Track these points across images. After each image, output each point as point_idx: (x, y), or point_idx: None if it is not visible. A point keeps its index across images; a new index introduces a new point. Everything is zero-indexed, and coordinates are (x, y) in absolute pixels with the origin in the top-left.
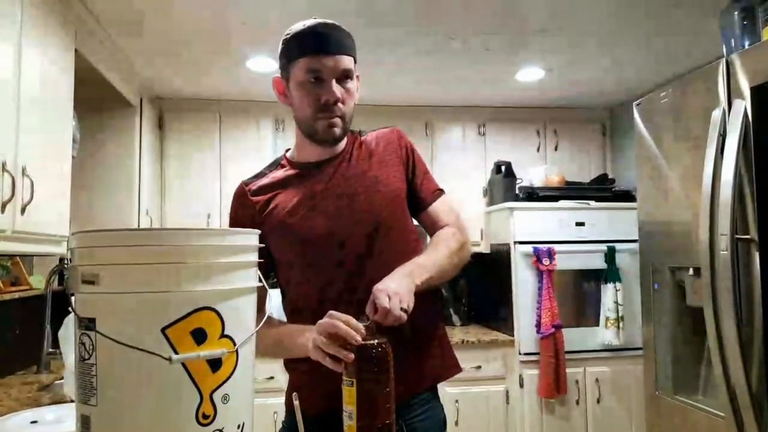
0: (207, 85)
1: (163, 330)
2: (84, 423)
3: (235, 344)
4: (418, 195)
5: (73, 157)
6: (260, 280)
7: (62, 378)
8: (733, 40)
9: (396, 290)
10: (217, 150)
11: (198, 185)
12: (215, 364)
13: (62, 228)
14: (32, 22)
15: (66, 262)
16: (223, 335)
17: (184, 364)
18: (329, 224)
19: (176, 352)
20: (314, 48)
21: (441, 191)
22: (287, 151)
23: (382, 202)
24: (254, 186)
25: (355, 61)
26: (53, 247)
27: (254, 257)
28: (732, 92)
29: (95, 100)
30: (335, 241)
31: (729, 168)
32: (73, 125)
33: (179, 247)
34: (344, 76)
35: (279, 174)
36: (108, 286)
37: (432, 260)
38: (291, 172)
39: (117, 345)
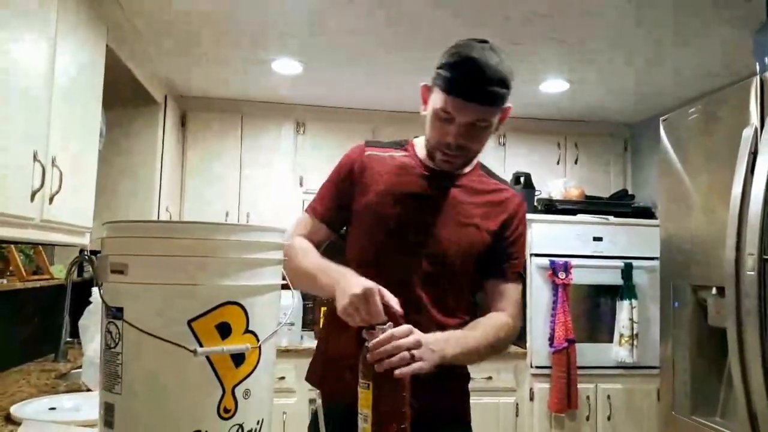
0: (231, 86)
1: (189, 322)
2: (108, 410)
3: (258, 340)
4: (499, 263)
5: (98, 150)
6: (283, 278)
7: (80, 367)
8: (766, 59)
9: (425, 342)
10: (238, 150)
11: (217, 184)
12: (238, 358)
13: (86, 219)
14: (67, 19)
15: (86, 253)
16: (247, 330)
17: (208, 358)
18: (406, 233)
19: (201, 345)
20: (458, 91)
21: (519, 278)
22: (415, 137)
23: (463, 247)
24: (372, 151)
25: (504, 102)
26: (77, 237)
27: (280, 255)
28: (765, 111)
29: (122, 96)
30: (403, 250)
31: (760, 187)
32: (100, 119)
33: (209, 241)
34: (479, 124)
35: (397, 156)
36: (137, 276)
37: (475, 343)
38: (409, 162)
39: (143, 335)
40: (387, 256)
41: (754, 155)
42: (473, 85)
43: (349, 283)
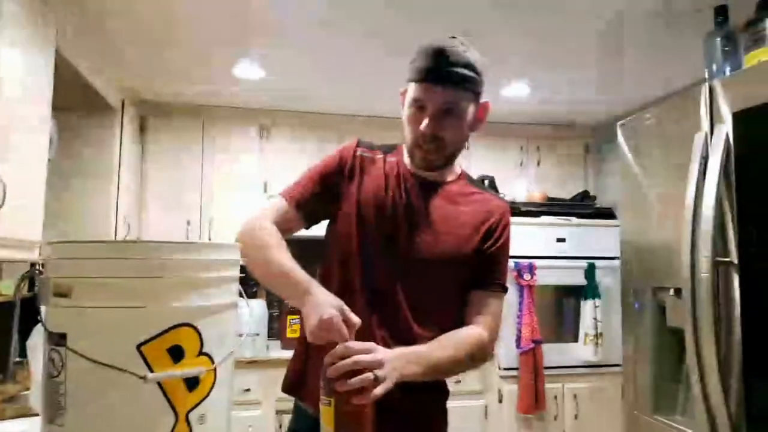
0: (192, 90)
1: (138, 347)
2: None
3: (213, 362)
4: (481, 274)
5: (49, 159)
6: (241, 295)
7: (29, 389)
8: (715, 65)
9: (386, 362)
10: (200, 156)
11: (179, 191)
12: (192, 383)
13: (35, 233)
14: (10, 18)
15: (37, 268)
16: (201, 353)
17: (159, 383)
18: (388, 238)
19: (152, 371)
20: (424, 76)
21: (502, 288)
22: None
23: (445, 255)
24: (363, 151)
25: (477, 92)
26: (24, 253)
27: (236, 272)
28: (714, 117)
29: (75, 101)
30: (384, 256)
31: (711, 192)
32: (50, 126)
33: (158, 260)
34: (448, 107)
35: (390, 159)
36: (81, 299)
37: (439, 359)
38: (397, 167)
39: (89, 362)
40: (368, 262)
41: (705, 160)
42: (439, 68)
43: (315, 309)
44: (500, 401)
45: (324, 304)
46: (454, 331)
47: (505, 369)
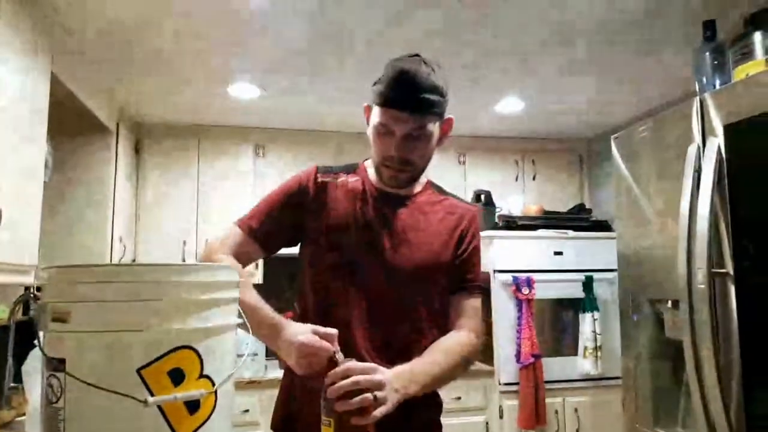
0: (187, 110)
1: (138, 371)
2: None
3: (213, 384)
4: (458, 278)
5: (44, 182)
6: (240, 316)
7: (24, 414)
8: (705, 78)
9: (386, 383)
10: (195, 176)
11: (174, 212)
12: (193, 405)
13: (30, 257)
14: (6, 43)
15: (32, 292)
16: (201, 375)
17: (160, 407)
18: (364, 258)
19: (152, 394)
20: (390, 101)
21: (479, 290)
22: (366, 159)
23: (423, 266)
24: (323, 177)
25: (441, 113)
26: (20, 276)
27: (235, 293)
28: (706, 130)
29: (71, 125)
30: (363, 275)
31: (705, 204)
32: (45, 150)
33: (157, 283)
34: (416, 133)
35: (352, 180)
36: (80, 324)
37: (438, 370)
38: (361, 186)
39: (87, 387)
40: (348, 280)
41: (698, 173)
42: (405, 95)
43: (290, 343)
44: (501, 417)
45: (295, 334)
46: (443, 338)
47: (505, 384)
